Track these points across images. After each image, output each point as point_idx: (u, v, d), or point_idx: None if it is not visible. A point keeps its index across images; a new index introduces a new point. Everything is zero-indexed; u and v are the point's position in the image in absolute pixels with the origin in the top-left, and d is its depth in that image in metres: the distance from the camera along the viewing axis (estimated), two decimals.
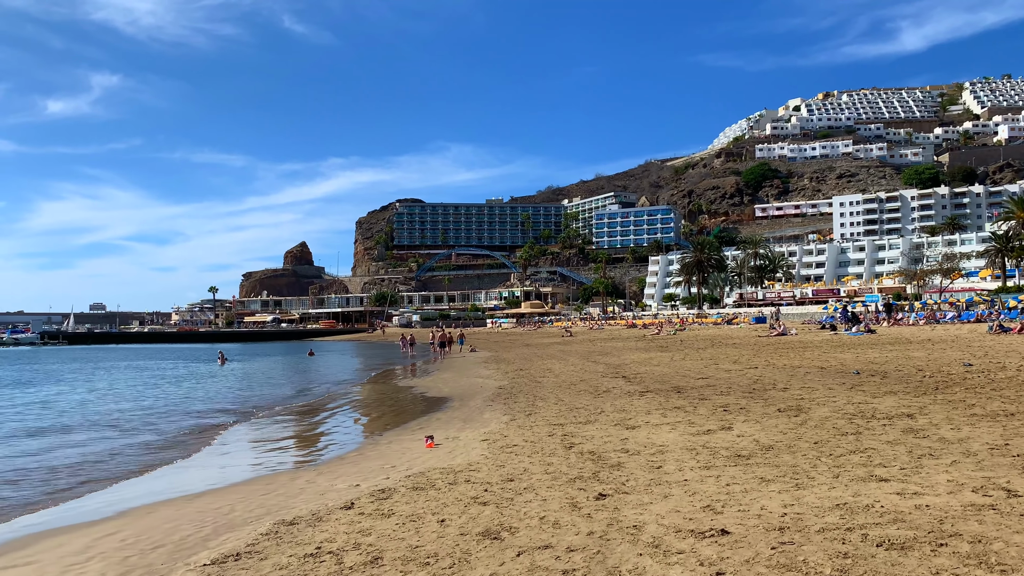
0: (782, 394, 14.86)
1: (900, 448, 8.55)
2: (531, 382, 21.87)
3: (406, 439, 13.04)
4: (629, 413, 13.38)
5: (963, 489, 6.41)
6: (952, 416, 10.70)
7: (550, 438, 11.15)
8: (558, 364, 28.82)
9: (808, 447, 9.01)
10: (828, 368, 20.07)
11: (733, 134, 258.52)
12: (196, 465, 12.68)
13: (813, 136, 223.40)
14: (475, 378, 26.22)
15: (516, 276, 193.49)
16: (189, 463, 12.90)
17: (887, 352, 24.85)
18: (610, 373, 22.78)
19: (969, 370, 17.04)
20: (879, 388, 14.79)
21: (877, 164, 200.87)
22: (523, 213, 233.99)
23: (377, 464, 10.56)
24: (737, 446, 9.40)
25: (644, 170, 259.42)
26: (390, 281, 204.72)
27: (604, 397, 16.33)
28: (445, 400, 20.04)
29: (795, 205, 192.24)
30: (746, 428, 10.86)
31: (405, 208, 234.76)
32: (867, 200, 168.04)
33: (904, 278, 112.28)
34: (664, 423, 11.88)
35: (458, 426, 14.03)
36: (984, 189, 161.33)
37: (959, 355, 21.80)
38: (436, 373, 31.90)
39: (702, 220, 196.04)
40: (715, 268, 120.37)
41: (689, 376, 20.02)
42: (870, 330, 41.07)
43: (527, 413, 14.54)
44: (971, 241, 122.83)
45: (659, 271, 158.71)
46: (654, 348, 36.20)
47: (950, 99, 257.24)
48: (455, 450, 10.98)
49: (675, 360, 26.78)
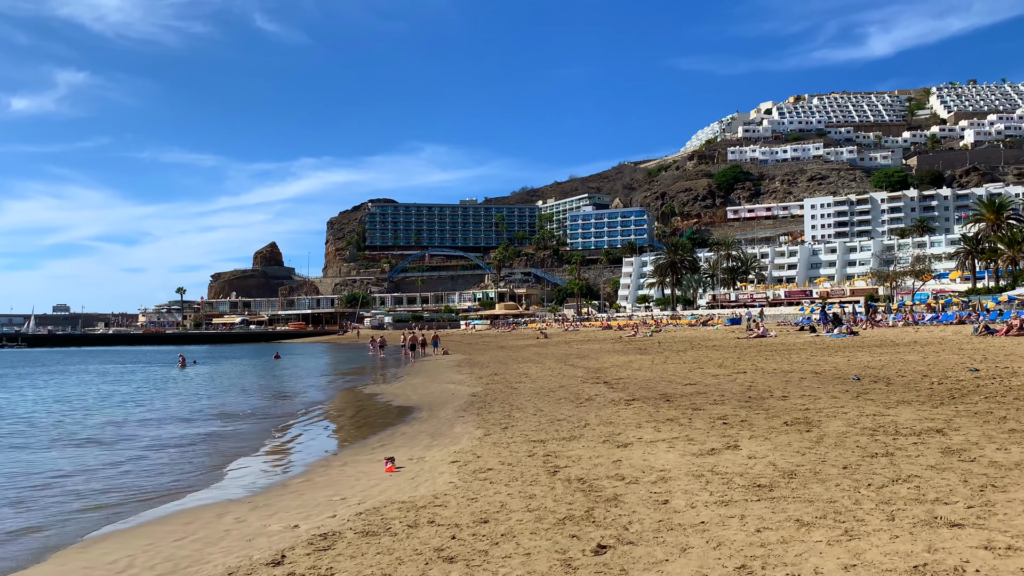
0: (783, 403, 13.49)
1: (951, 476, 7.14)
2: (507, 388, 20.33)
3: (364, 460, 11.42)
4: (617, 426, 11.90)
5: None
6: (989, 433, 9.34)
7: (530, 459, 9.62)
8: (535, 368, 27.31)
9: (838, 474, 7.57)
10: (823, 373, 18.78)
11: (705, 137, 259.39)
12: None
13: (784, 139, 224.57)
14: (447, 384, 24.62)
15: (490, 277, 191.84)
16: None
17: (878, 355, 23.69)
18: (590, 378, 21.32)
19: (978, 376, 15.81)
20: (888, 397, 13.47)
21: (847, 167, 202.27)
22: (497, 214, 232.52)
23: (325, 495, 8.95)
24: (753, 472, 7.94)
25: (618, 172, 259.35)
26: (362, 282, 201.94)
27: (587, 406, 14.85)
28: (412, 410, 18.41)
29: (767, 207, 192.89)
30: (755, 447, 9.42)
31: (378, 208, 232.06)
32: (838, 202, 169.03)
33: (876, 280, 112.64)
34: (659, 439, 10.41)
35: (425, 443, 12.45)
36: (951, 192, 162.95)
37: (957, 359, 20.66)
38: (405, 378, 30.23)
39: (675, 222, 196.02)
40: (688, 270, 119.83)
41: (675, 382, 18.62)
42: (852, 332, 40.11)
43: (503, 426, 13.01)
44: (940, 243, 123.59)
45: (633, 272, 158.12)
46: (632, 350, 34.84)
47: (918, 104, 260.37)
48: (419, 475, 9.41)
49: (656, 364, 25.40)
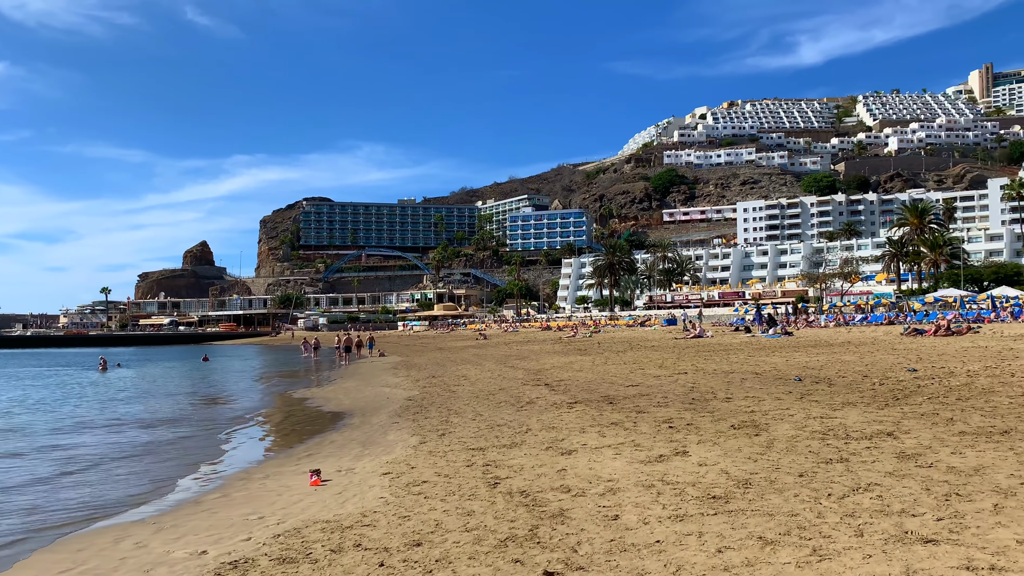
0: (727, 405, 13.16)
1: (912, 484, 6.78)
2: (445, 392, 19.62)
3: (288, 472, 10.57)
4: (560, 431, 11.35)
5: None
6: (940, 436, 9.10)
7: (469, 470, 8.97)
8: (474, 370, 26.64)
9: (795, 482, 7.15)
10: (763, 374, 18.65)
11: (642, 140, 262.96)
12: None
13: (718, 143, 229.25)
14: (381, 387, 23.74)
15: (429, 278, 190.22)
16: None
17: (815, 356, 23.81)
18: (531, 380, 20.77)
19: (917, 376, 15.83)
20: (833, 398, 13.28)
21: (778, 172, 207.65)
22: (436, 214, 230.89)
23: (242, 513, 8.11)
24: (705, 481, 7.46)
25: (557, 174, 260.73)
26: (296, 282, 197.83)
27: (528, 410, 14.28)
28: (344, 416, 17.51)
29: (701, 210, 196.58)
30: (704, 453, 8.97)
31: (313, 207, 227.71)
32: (769, 206, 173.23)
33: (806, 281, 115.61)
34: (604, 445, 9.89)
35: (355, 452, 11.66)
36: (877, 197, 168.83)
37: (893, 359, 20.84)
38: (339, 381, 29.17)
39: (613, 224, 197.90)
40: (626, 271, 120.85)
41: (617, 383, 18.21)
42: (787, 332, 40.67)
43: (440, 433, 12.31)
44: (867, 246, 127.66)
45: (572, 274, 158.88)
46: (573, 351, 34.50)
47: (845, 111, 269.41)
48: (347, 490, 8.66)
49: (597, 365, 25.04)
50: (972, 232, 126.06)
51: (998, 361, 17.99)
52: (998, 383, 13.78)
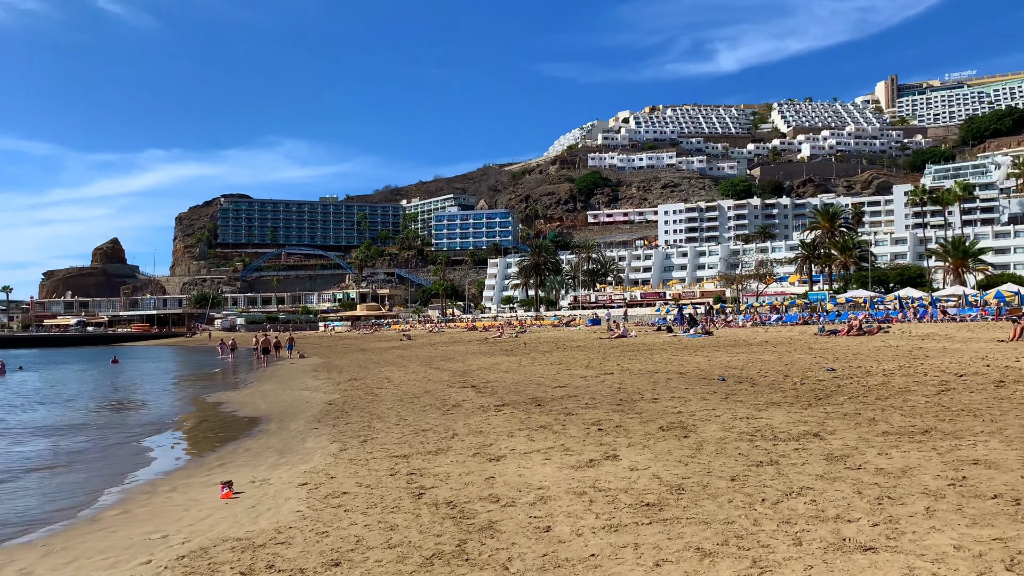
0: (654, 406, 13.09)
1: (843, 487, 6.72)
2: (367, 395, 19.02)
3: (197, 484, 9.90)
4: (488, 436, 11.02)
5: (993, 568, 4.52)
6: (865, 436, 9.18)
7: (392, 479, 8.54)
8: (398, 372, 26.05)
9: (728, 487, 7.01)
10: (687, 374, 18.77)
11: (567, 142, 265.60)
12: None
13: (640, 147, 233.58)
14: (301, 391, 22.93)
15: (351, 277, 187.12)
16: None
17: (735, 355, 24.20)
18: (457, 382, 20.38)
19: (836, 376, 16.16)
20: (757, 398, 13.38)
21: (698, 176, 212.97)
22: (360, 212, 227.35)
23: (143, 531, 7.47)
24: (638, 487, 7.25)
25: (483, 174, 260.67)
26: (213, 282, 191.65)
27: (455, 413, 13.90)
28: (260, 421, 16.73)
29: (624, 212, 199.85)
30: (635, 456, 8.80)
31: (231, 204, 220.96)
32: (689, 209, 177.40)
33: (724, 282, 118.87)
34: (534, 450, 9.61)
35: (271, 461, 11.05)
36: (790, 201, 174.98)
37: (811, 358, 21.33)
38: (255, 384, 28.09)
39: (538, 224, 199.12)
40: (551, 271, 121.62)
41: (545, 384, 18.01)
42: (708, 332, 41.45)
43: (362, 439, 11.81)
44: (781, 249, 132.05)
45: (498, 274, 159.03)
46: (499, 352, 34.25)
47: (761, 118, 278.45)
48: (261, 503, 8.11)
49: (524, 365, 24.83)
50: (879, 236, 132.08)
51: (910, 360, 18.59)
52: (913, 382, 14.16)
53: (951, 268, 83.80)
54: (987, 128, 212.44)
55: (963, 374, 14.85)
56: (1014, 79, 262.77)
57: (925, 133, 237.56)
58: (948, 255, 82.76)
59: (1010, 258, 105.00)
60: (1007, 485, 6.39)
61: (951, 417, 10.14)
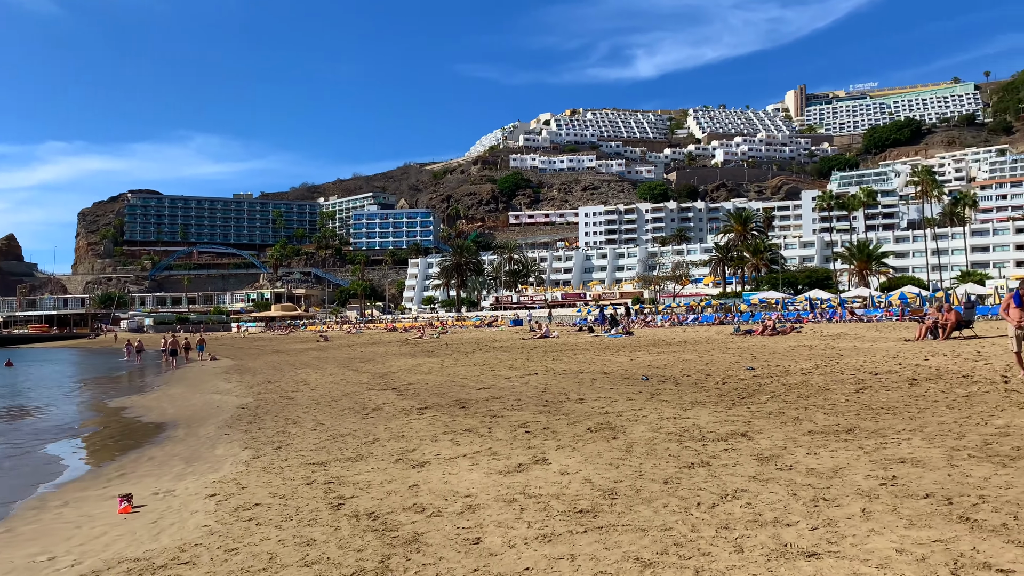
0: (580, 407, 12.91)
1: (777, 488, 6.61)
2: (282, 398, 18.23)
3: (92, 497, 9.10)
4: (411, 440, 10.58)
5: (938, 572, 4.41)
6: (792, 436, 9.18)
7: (309, 488, 8.02)
8: (314, 374, 25.20)
9: (661, 491, 6.81)
10: (611, 373, 18.73)
11: (489, 143, 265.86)
12: None
13: (562, 149, 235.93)
14: (211, 394, 21.86)
15: (266, 277, 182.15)
16: None
17: (656, 355, 24.40)
18: (377, 384, 19.79)
19: (757, 375, 16.38)
20: (681, 397, 13.36)
21: (617, 179, 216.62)
22: (275, 210, 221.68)
23: (27, 553, 6.74)
24: (569, 492, 6.98)
25: (403, 172, 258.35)
26: (119, 281, 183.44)
27: (375, 417, 13.38)
28: (167, 427, 15.77)
29: (545, 214, 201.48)
30: (565, 459, 8.54)
31: (139, 200, 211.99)
32: (608, 211, 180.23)
33: (642, 283, 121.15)
34: (460, 455, 9.24)
35: (178, 470, 10.31)
36: (705, 205, 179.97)
37: (730, 358, 21.66)
38: (163, 388, 26.70)
39: (460, 225, 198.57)
40: (473, 272, 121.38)
41: (468, 386, 17.64)
42: (628, 332, 41.91)
43: (276, 445, 11.17)
44: (696, 251, 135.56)
45: (419, 274, 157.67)
46: (420, 353, 33.68)
47: (677, 123, 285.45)
48: (164, 517, 7.46)
49: (446, 366, 24.40)
50: (788, 239, 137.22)
51: (826, 359, 19.06)
52: (831, 381, 14.44)
53: (856, 270, 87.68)
54: (888, 138, 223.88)
55: (878, 372, 15.25)
56: (912, 92, 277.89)
57: (831, 141, 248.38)
58: (853, 258, 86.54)
59: (909, 261, 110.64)
60: (936, 484, 6.40)
61: (872, 415, 10.28)
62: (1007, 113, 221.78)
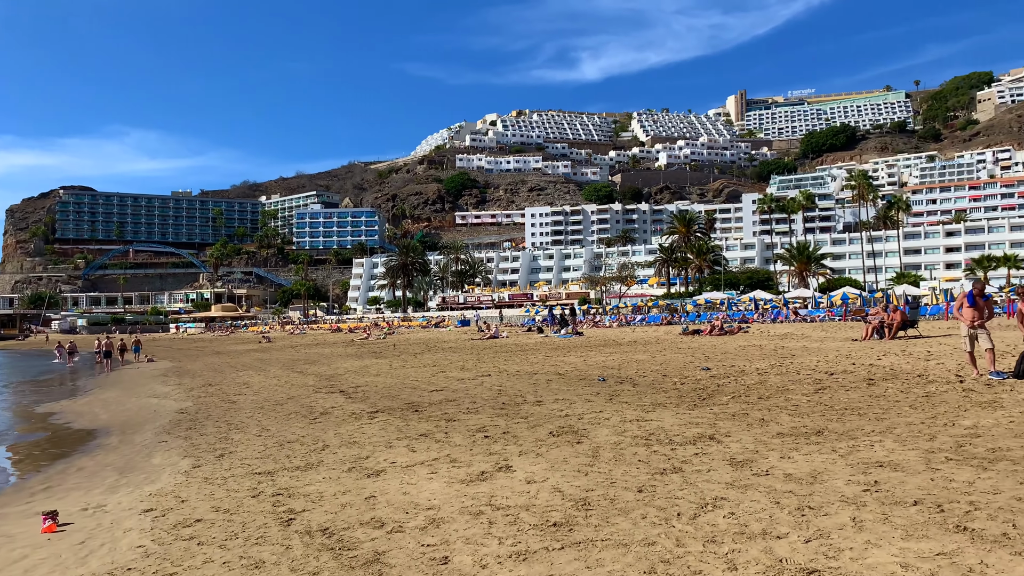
0: (539, 409, 12.51)
1: (758, 496, 6.30)
2: (224, 402, 17.39)
3: (13, 515, 8.30)
4: (364, 447, 10.02)
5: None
6: (761, 438, 8.93)
7: (255, 502, 7.41)
8: (257, 377, 24.27)
9: (636, 500, 6.43)
10: (567, 374, 18.41)
11: (435, 142, 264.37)
12: None
13: (508, 150, 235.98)
14: (148, 398, 20.80)
15: (206, 276, 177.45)
16: None
17: (609, 355, 24.21)
18: (324, 387, 19.07)
19: (713, 375, 16.23)
20: (641, 399, 13.08)
21: (563, 180, 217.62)
22: (215, 208, 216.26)
23: None
24: (539, 503, 6.55)
25: (348, 171, 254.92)
26: (50, 280, 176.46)
27: (323, 422, 12.74)
28: (99, 434, 14.81)
29: (492, 214, 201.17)
30: (529, 466, 8.11)
31: (71, 196, 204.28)
32: (555, 212, 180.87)
33: (588, 284, 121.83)
34: (417, 462, 8.72)
35: (110, 482, 9.54)
36: (649, 207, 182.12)
37: (683, 358, 21.57)
38: (96, 392, 25.40)
39: (406, 224, 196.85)
40: (420, 272, 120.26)
41: (420, 388, 17.09)
42: (578, 332, 41.76)
43: (218, 453, 10.48)
44: (640, 252, 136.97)
45: (364, 274, 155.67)
46: (367, 354, 32.89)
47: (621, 126, 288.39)
48: (94, 536, 6.78)
49: (395, 368, 23.77)
50: (730, 241, 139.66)
51: (779, 359, 19.07)
52: (788, 381, 14.34)
53: (796, 272, 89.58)
54: (824, 143, 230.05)
55: (833, 372, 15.24)
56: (847, 99, 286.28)
57: (770, 146, 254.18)
58: (794, 259, 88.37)
59: (846, 263, 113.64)
60: (921, 489, 6.17)
61: (837, 416, 10.13)
62: (936, 121, 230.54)
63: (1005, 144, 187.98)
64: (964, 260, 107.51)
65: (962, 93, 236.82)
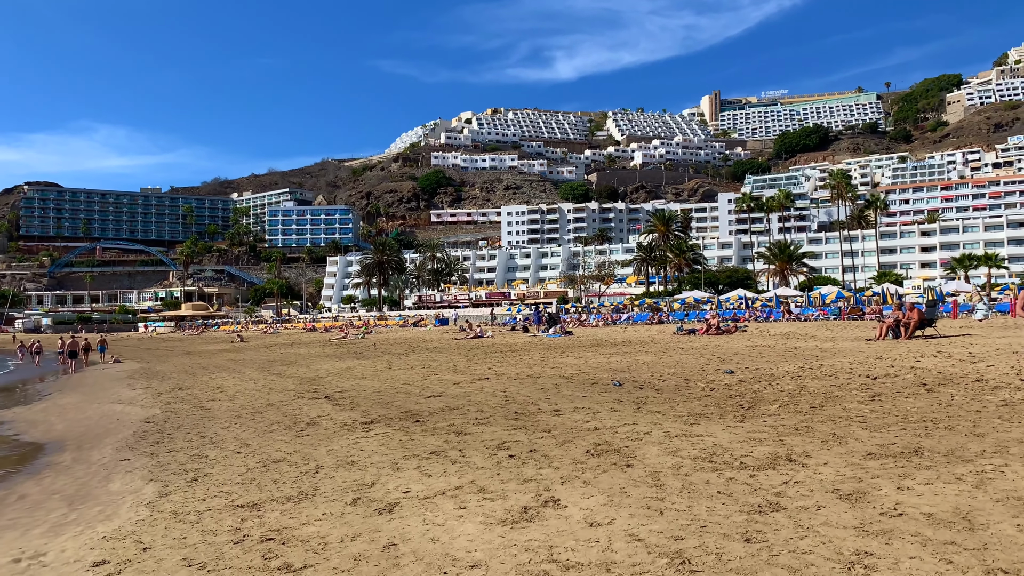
0: (559, 420, 10.93)
1: (911, 549, 4.78)
2: (196, 409, 15.59)
3: None
4: (366, 469, 8.37)
5: None
6: (852, 460, 7.43)
7: (239, 551, 5.74)
8: (232, 379, 22.41)
9: (748, 553, 4.88)
10: (573, 378, 16.86)
11: (410, 140, 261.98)
12: None
13: (483, 148, 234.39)
14: (112, 404, 18.87)
15: (176, 275, 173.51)
16: None
17: (609, 356, 22.73)
18: (307, 391, 17.33)
19: (742, 379, 14.76)
20: (674, 407, 11.56)
21: (539, 179, 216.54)
22: (185, 205, 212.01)
23: None
24: (618, 559, 4.96)
25: (321, 168, 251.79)
26: (14, 278, 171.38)
27: (312, 434, 11.05)
28: (50, 449, 12.93)
29: (467, 212, 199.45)
30: (581, 499, 6.53)
31: (37, 192, 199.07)
32: (531, 211, 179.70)
33: (566, 283, 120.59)
34: (437, 492, 7.09)
35: (56, 516, 7.79)
36: (625, 206, 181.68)
37: (694, 359, 20.13)
38: (54, 396, 23.35)
39: (380, 222, 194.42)
40: (395, 270, 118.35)
41: (414, 393, 15.44)
42: (567, 332, 40.30)
43: (190, 476, 8.76)
44: (618, 251, 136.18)
45: (338, 272, 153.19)
46: (347, 355, 31.11)
47: (597, 125, 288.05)
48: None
49: (381, 370, 22.07)
50: (707, 240, 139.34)
51: (804, 361, 17.66)
52: (831, 386, 12.91)
53: (776, 270, 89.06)
54: (797, 143, 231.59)
55: (876, 376, 13.84)
56: (819, 100, 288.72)
57: (744, 146, 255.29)
58: (775, 258, 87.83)
59: (823, 262, 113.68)
60: None
61: (924, 431, 8.67)
62: (906, 122, 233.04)
63: (974, 145, 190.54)
64: (939, 260, 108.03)
65: (932, 95, 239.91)
